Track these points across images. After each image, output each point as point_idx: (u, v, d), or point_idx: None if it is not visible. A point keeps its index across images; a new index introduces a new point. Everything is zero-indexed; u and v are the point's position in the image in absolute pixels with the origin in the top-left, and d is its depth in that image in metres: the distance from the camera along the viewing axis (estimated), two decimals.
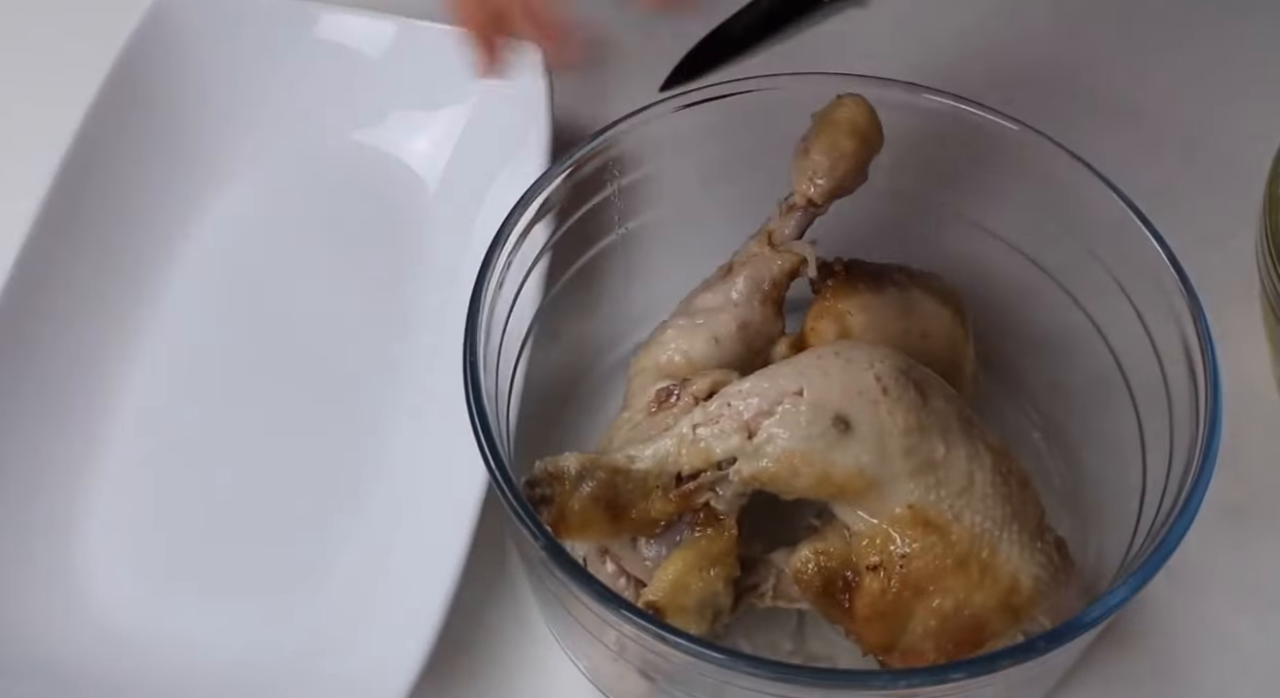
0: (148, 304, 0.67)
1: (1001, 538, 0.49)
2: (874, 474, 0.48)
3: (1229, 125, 0.76)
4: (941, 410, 0.50)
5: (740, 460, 0.49)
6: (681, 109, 0.59)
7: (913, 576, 0.49)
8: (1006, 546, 0.49)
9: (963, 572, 0.49)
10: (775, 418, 0.49)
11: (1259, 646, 0.59)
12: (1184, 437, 0.51)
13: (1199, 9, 0.82)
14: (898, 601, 0.49)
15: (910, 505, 0.49)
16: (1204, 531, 0.48)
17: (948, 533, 0.49)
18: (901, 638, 0.49)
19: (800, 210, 0.57)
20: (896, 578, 0.49)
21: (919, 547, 0.49)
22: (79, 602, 0.59)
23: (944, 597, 0.49)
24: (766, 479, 0.49)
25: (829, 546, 0.50)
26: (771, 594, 0.51)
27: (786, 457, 0.48)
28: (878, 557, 0.49)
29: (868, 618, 0.49)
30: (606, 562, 0.53)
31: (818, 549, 0.50)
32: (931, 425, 0.49)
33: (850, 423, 0.48)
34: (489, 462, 0.50)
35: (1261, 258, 0.60)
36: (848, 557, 0.50)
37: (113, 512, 0.62)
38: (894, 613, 0.49)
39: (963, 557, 0.49)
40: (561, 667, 0.58)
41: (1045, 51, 0.80)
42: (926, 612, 0.49)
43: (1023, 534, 0.50)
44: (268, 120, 0.72)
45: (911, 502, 0.49)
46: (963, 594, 0.49)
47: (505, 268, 0.55)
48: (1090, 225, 0.57)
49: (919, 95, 0.59)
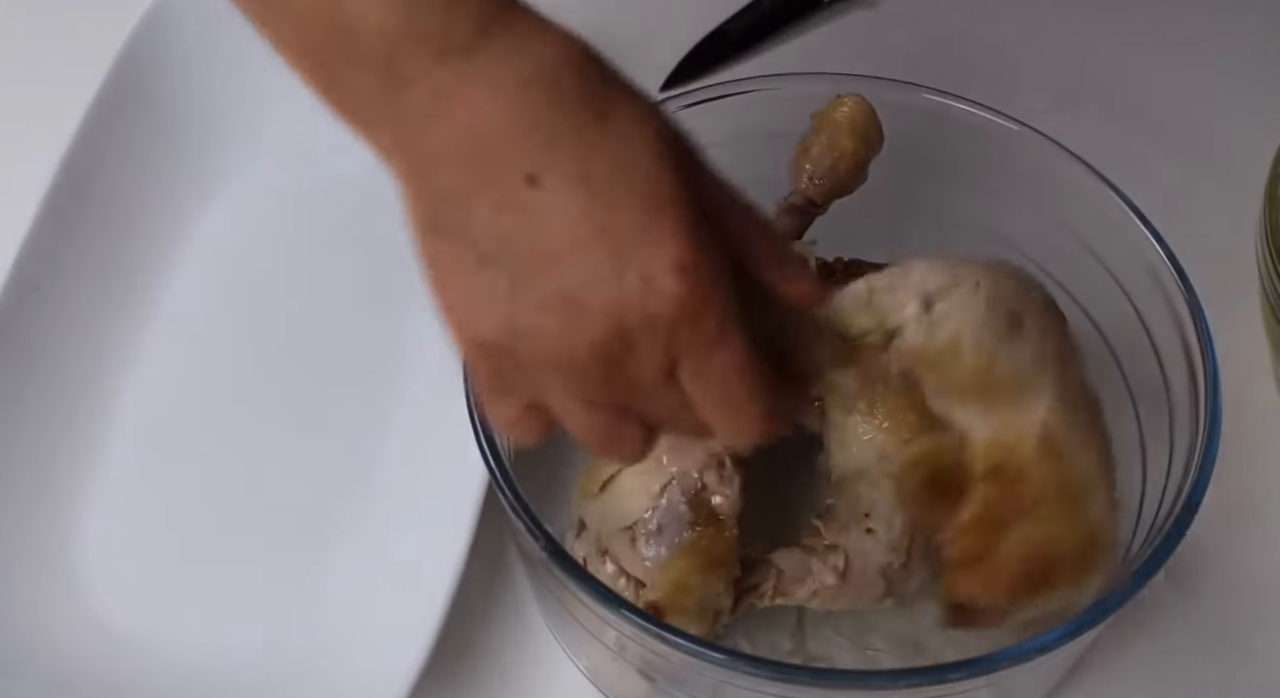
0: (148, 304, 0.67)
1: (1099, 489, 0.48)
2: (1029, 379, 0.47)
3: (1229, 125, 0.76)
4: (1075, 348, 0.49)
5: (909, 332, 0.46)
6: (681, 109, 0.59)
7: (1022, 496, 0.47)
8: (1102, 496, 0.48)
9: (1064, 507, 0.47)
10: (952, 299, 0.46)
11: (1259, 645, 0.59)
12: (1184, 437, 0.51)
13: (1199, 9, 0.82)
14: (1003, 515, 0.47)
15: (1044, 424, 0.47)
16: (1204, 531, 0.48)
17: (1066, 463, 0.47)
18: (991, 554, 0.48)
19: (800, 210, 0.57)
20: (1008, 492, 0.47)
21: (1038, 469, 0.47)
22: (79, 602, 0.58)
23: (1040, 526, 0.47)
24: (931, 356, 0.47)
25: (944, 443, 0.48)
26: (771, 594, 0.51)
27: (957, 337, 0.46)
28: (996, 466, 0.47)
29: (968, 526, 0.47)
30: (606, 562, 0.53)
31: (931, 446, 0.49)
32: (1071, 356, 0.48)
33: (1022, 323, 0.47)
34: (489, 462, 0.50)
35: (1261, 258, 0.60)
36: (960, 459, 0.48)
37: (113, 512, 0.61)
38: (994, 527, 0.47)
39: (1070, 492, 0.47)
40: (561, 667, 0.58)
41: (1045, 52, 0.80)
42: (1020, 536, 0.47)
43: (1110, 493, 0.49)
44: (268, 120, 0.72)
45: (1046, 420, 0.47)
46: (1055, 529, 0.47)
47: None
48: (1090, 225, 0.57)
49: (919, 95, 0.59)
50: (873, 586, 0.52)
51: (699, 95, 0.59)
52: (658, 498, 0.51)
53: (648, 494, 0.51)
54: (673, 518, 0.51)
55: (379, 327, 0.67)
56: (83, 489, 0.62)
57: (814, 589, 0.51)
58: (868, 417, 0.55)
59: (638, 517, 0.51)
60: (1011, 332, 0.47)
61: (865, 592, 0.52)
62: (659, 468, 0.51)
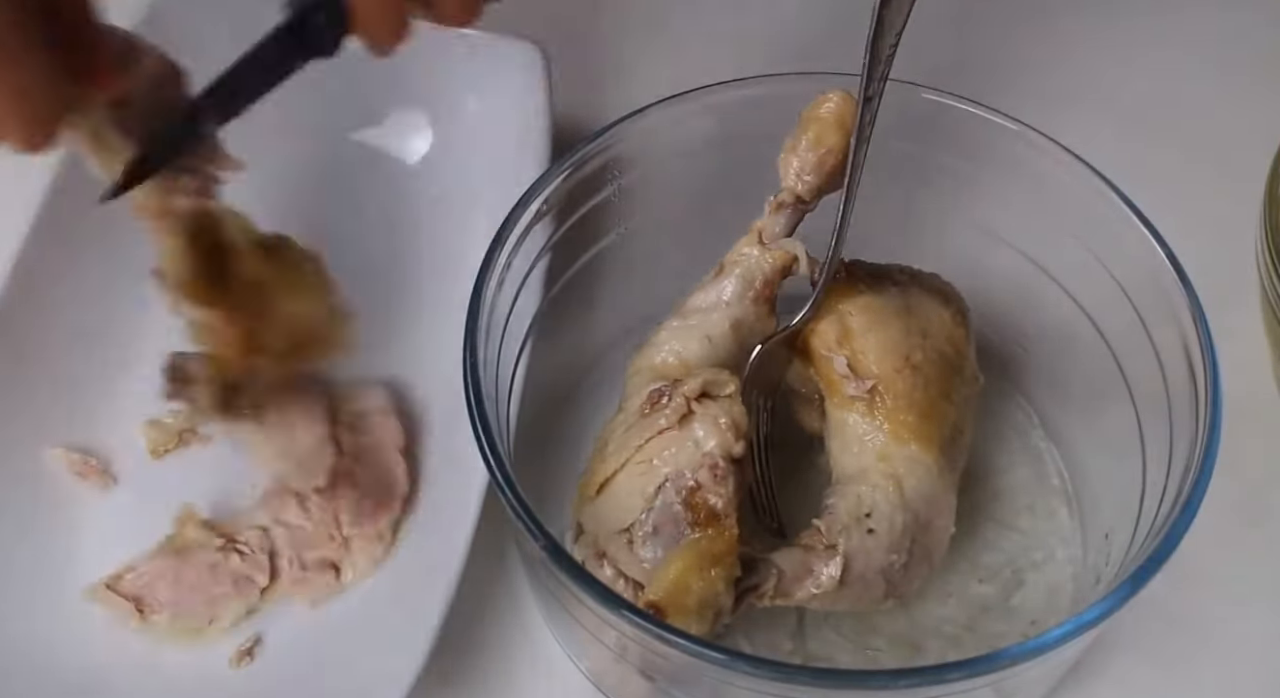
0: (148, 303, 0.67)
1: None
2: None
3: (1229, 125, 0.76)
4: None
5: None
6: (681, 110, 0.59)
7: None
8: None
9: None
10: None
11: (1259, 645, 0.59)
12: (1184, 437, 0.51)
13: (1199, 9, 0.82)
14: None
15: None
16: (1204, 530, 0.48)
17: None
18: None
19: (789, 208, 0.57)
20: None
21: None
22: (79, 602, 0.58)
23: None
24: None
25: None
26: (772, 594, 0.51)
27: None
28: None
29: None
30: (604, 565, 0.53)
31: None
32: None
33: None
34: (489, 462, 0.50)
35: (1261, 258, 0.60)
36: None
37: (113, 512, 0.62)
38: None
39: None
40: (561, 667, 0.58)
41: (1045, 52, 0.80)
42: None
43: None
44: (267, 121, 0.72)
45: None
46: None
47: (505, 268, 0.55)
48: (1090, 225, 0.57)
49: (919, 95, 0.59)
50: (873, 586, 0.52)
51: (699, 95, 0.59)
52: (652, 499, 0.51)
53: (643, 496, 0.51)
54: (669, 519, 0.51)
55: (380, 328, 0.67)
56: (83, 490, 0.62)
57: (814, 589, 0.51)
58: (868, 417, 0.55)
59: (634, 519, 0.51)
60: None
61: (865, 592, 0.52)
62: (653, 470, 0.51)
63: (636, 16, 0.82)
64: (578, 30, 0.80)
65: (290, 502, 0.60)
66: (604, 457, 0.53)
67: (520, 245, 0.56)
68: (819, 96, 0.56)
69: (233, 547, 0.59)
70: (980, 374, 0.59)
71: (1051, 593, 0.59)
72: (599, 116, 0.63)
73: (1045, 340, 0.64)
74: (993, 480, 0.62)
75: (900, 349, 0.56)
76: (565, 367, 0.65)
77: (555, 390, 0.64)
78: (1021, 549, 0.61)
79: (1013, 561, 0.60)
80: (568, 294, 0.62)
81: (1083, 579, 0.59)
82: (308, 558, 0.59)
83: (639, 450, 0.51)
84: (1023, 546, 0.61)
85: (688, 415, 0.51)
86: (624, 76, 0.78)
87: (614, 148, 0.59)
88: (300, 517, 0.60)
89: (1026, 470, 0.63)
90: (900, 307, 0.57)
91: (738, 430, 0.51)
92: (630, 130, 0.59)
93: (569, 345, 0.65)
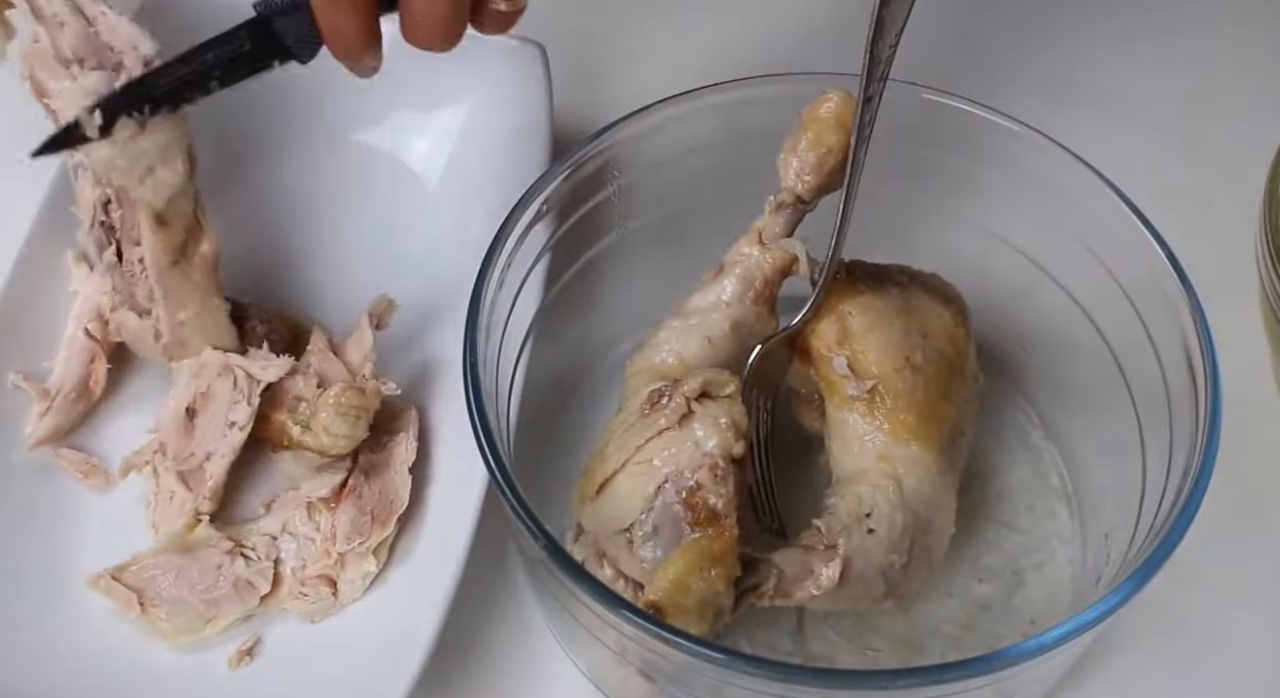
0: None
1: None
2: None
3: (1229, 125, 0.76)
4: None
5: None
6: (681, 110, 0.59)
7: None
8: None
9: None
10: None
11: (1259, 645, 0.59)
12: (1184, 437, 0.51)
13: (1199, 9, 0.82)
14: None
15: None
16: (1204, 531, 0.48)
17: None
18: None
19: (789, 208, 0.57)
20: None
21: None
22: (80, 602, 0.58)
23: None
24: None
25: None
26: (772, 594, 0.51)
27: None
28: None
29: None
30: (604, 565, 0.53)
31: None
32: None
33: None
34: (489, 462, 0.50)
35: (1261, 258, 0.60)
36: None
37: (113, 512, 0.61)
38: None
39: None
40: (562, 667, 0.58)
41: (1045, 51, 0.80)
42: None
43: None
44: (267, 121, 0.72)
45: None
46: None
47: (505, 268, 0.55)
48: (1090, 225, 0.57)
49: (918, 95, 0.59)
50: (873, 586, 0.52)
51: (699, 95, 0.59)
52: (652, 500, 0.51)
53: (643, 496, 0.51)
54: (669, 519, 0.50)
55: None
56: (83, 490, 0.62)
57: (814, 590, 0.51)
58: (868, 417, 0.55)
59: (634, 519, 0.51)
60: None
61: (865, 592, 0.52)
62: (652, 470, 0.51)
63: (636, 16, 0.82)
64: (578, 30, 0.80)
65: (300, 512, 0.60)
66: (604, 457, 0.53)
67: (520, 245, 0.56)
68: (819, 96, 0.56)
69: (239, 551, 0.59)
70: (980, 374, 0.59)
71: (1051, 593, 0.59)
72: (599, 116, 0.62)
73: (1045, 340, 0.64)
74: (993, 480, 0.62)
75: (900, 349, 0.56)
76: (565, 367, 0.65)
77: (555, 390, 0.64)
78: (1022, 549, 0.61)
79: (1013, 561, 0.60)
80: (568, 294, 0.62)
81: (1083, 579, 0.59)
82: (309, 572, 0.59)
83: (639, 451, 0.51)
84: (1023, 546, 0.61)
85: (688, 415, 0.51)
86: (624, 76, 0.78)
87: (614, 148, 0.59)
88: (309, 528, 0.59)
89: (1026, 470, 0.63)
90: (900, 307, 0.57)
91: (738, 430, 0.51)
92: (630, 130, 0.59)
93: (569, 345, 0.65)
